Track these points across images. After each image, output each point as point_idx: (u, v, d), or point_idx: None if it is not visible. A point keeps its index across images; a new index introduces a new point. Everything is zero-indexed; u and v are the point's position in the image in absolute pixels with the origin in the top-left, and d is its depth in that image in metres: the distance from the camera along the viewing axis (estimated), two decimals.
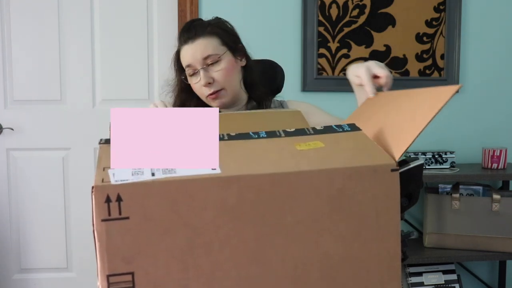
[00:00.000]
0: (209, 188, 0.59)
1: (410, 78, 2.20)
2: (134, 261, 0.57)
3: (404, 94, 0.85)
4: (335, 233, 0.61)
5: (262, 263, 0.59)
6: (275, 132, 0.74)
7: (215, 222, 0.58)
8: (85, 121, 2.16)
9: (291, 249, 0.59)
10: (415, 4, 2.18)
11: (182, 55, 1.19)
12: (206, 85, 1.16)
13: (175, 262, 0.57)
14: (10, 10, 2.12)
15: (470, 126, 2.25)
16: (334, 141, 0.69)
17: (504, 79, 2.27)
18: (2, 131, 2.13)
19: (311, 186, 0.61)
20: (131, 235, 0.58)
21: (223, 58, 1.17)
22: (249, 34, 1.27)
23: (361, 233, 0.62)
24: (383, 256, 0.63)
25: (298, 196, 0.60)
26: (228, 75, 1.18)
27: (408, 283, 2.03)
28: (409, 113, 0.77)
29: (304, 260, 0.60)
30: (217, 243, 0.58)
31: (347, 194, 0.62)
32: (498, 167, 2.03)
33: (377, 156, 0.66)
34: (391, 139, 0.73)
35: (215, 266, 0.58)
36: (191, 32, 1.17)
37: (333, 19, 2.15)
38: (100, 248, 0.57)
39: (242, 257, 0.58)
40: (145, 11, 2.17)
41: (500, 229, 1.91)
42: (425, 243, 2.00)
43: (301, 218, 0.60)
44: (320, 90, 2.16)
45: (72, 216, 2.19)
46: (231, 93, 1.20)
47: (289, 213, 0.60)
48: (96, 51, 2.16)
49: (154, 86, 2.19)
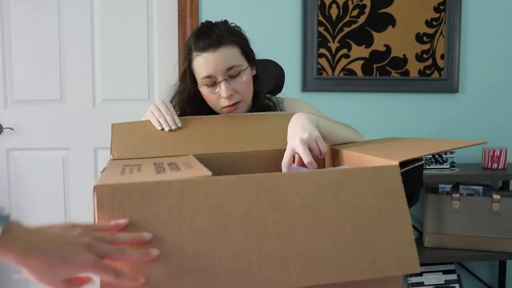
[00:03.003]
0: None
1: (410, 78, 2.20)
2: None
3: (420, 140, 0.87)
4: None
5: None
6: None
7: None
8: (85, 121, 2.16)
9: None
10: (415, 4, 2.18)
11: (200, 64, 1.10)
12: (228, 97, 1.11)
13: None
14: (10, 10, 2.11)
15: (470, 126, 2.25)
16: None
17: (504, 79, 2.27)
18: (2, 131, 2.13)
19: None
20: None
21: (244, 69, 1.13)
22: (249, 34, 1.27)
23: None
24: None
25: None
26: (248, 87, 1.14)
27: (408, 283, 2.03)
28: (422, 144, 0.79)
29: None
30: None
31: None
32: (498, 167, 2.03)
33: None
34: (396, 154, 0.75)
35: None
36: (211, 38, 1.08)
37: (333, 19, 2.15)
38: None
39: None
40: (145, 11, 2.17)
41: (500, 229, 1.91)
42: (425, 243, 2.00)
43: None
44: (320, 90, 2.16)
45: (72, 216, 2.19)
46: (247, 104, 1.17)
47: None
48: (96, 51, 2.16)
49: (154, 86, 2.19)
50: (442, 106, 2.24)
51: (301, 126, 0.90)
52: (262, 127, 1.04)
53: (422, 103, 2.23)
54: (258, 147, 0.96)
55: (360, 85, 2.19)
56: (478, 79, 2.26)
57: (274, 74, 1.53)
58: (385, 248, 0.61)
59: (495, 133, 2.27)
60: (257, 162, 0.95)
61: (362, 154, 0.81)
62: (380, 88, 2.20)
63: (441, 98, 2.24)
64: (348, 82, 2.18)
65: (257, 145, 0.97)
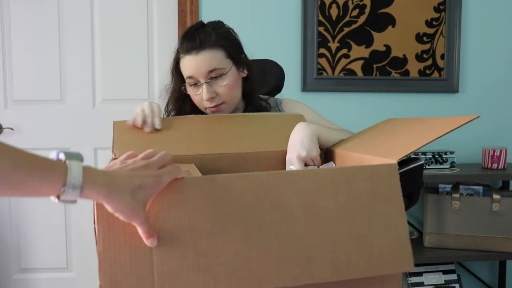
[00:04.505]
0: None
1: (410, 78, 2.20)
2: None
3: (416, 120, 0.86)
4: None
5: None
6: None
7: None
8: (85, 121, 2.16)
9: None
10: (415, 4, 2.18)
11: (184, 65, 1.14)
12: (209, 99, 1.13)
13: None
14: (10, 10, 2.11)
15: (470, 126, 2.25)
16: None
17: (504, 79, 2.27)
18: (2, 131, 2.13)
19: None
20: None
21: (228, 72, 1.14)
22: (249, 34, 1.27)
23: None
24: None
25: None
26: (231, 90, 1.15)
27: (408, 283, 2.03)
28: (418, 131, 0.78)
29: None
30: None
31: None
32: (498, 167, 2.03)
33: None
34: (395, 147, 0.74)
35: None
36: (195, 42, 1.11)
37: (333, 19, 2.15)
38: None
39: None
40: (145, 11, 2.17)
41: (500, 229, 1.91)
42: (425, 243, 2.00)
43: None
44: (320, 90, 2.16)
45: (72, 216, 2.19)
46: (231, 106, 1.19)
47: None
48: (96, 51, 2.16)
49: (154, 86, 2.19)
50: (442, 106, 2.24)
51: (300, 142, 0.93)
52: (263, 127, 1.04)
53: (422, 103, 2.23)
54: (259, 148, 0.97)
55: (360, 85, 2.19)
56: (478, 79, 2.26)
57: (274, 74, 1.53)
58: (381, 246, 0.62)
59: (495, 133, 2.27)
60: (259, 162, 0.95)
61: (361, 154, 0.81)
62: (380, 88, 2.20)
63: (441, 98, 2.24)
64: (348, 82, 2.18)
65: (259, 146, 0.97)
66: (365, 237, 0.61)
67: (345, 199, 0.63)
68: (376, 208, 0.63)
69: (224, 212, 0.59)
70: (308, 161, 0.92)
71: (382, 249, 0.61)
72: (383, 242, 0.62)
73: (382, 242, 0.62)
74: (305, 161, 0.92)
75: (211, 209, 0.59)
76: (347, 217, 0.62)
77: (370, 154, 0.77)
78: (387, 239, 0.62)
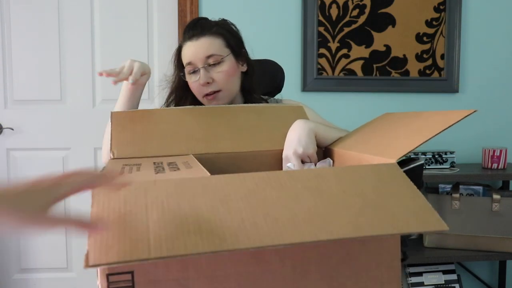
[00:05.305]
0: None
1: (410, 78, 2.20)
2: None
3: (414, 115, 0.85)
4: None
5: (261, 262, 0.59)
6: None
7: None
8: (85, 121, 2.16)
9: (290, 248, 0.59)
10: (415, 4, 2.18)
11: (184, 52, 1.18)
12: (205, 84, 1.15)
13: (175, 261, 0.57)
14: (10, 10, 2.12)
15: (470, 126, 2.25)
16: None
17: (504, 79, 2.27)
18: (2, 131, 2.14)
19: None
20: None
21: (226, 60, 1.16)
22: (249, 34, 1.27)
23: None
24: (383, 256, 0.63)
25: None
26: (228, 77, 1.17)
27: (408, 283, 2.03)
28: (416, 128, 0.77)
29: (303, 260, 0.60)
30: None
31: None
32: (498, 167, 2.03)
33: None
34: (394, 145, 0.74)
35: (215, 265, 0.57)
36: (196, 29, 1.16)
37: (333, 19, 2.15)
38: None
39: (241, 256, 0.58)
40: (145, 11, 2.17)
41: (500, 229, 1.90)
42: (425, 243, 2.00)
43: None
44: (320, 90, 2.16)
45: None
46: (228, 96, 1.20)
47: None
48: (96, 51, 2.16)
49: (154, 85, 2.19)
50: (442, 106, 2.24)
51: (297, 139, 0.93)
52: (262, 124, 1.04)
53: (422, 103, 2.23)
54: (258, 146, 0.97)
55: (360, 85, 2.19)
56: (478, 79, 2.26)
57: (274, 74, 1.53)
58: (403, 212, 0.56)
59: (495, 133, 2.27)
60: (258, 162, 0.95)
61: (360, 153, 0.81)
62: (380, 88, 2.20)
63: (441, 98, 2.24)
64: (348, 82, 2.18)
65: (258, 144, 0.98)
66: (382, 207, 0.57)
67: (350, 183, 0.60)
68: (386, 188, 0.60)
69: (225, 193, 0.57)
70: (304, 158, 0.92)
71: (404, 214, 0.56)
72: (403, 210, 0.57)
73: (402, 210, 0.57)
74: (301, 158, 0.92)
75: (211, 193, 0.58)
76: (357, 193, 0.59)
77: (369, 153, 0.77)
78: (407, 208, 0.57)
